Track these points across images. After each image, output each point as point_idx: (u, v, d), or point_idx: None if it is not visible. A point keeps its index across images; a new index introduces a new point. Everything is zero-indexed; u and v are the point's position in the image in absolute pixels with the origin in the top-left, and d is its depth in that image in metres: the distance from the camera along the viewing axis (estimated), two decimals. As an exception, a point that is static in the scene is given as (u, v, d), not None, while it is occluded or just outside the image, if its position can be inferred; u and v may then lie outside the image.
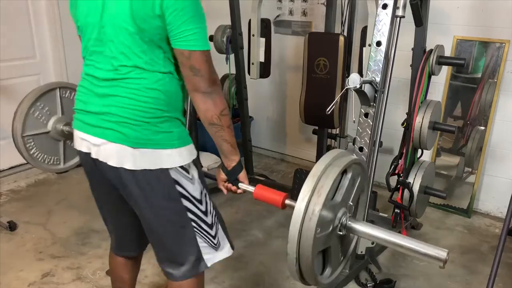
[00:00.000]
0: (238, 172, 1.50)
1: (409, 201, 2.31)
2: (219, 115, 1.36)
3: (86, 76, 1.43)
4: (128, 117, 1.32)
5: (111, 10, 1.30)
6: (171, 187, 1.38)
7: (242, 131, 3.31)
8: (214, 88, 1.33)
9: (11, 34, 3.30)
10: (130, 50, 1.31)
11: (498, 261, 1.74)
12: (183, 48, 1.29)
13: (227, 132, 1.40)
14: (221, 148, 1.45)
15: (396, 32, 1.74)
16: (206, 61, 1.31)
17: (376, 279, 2.33)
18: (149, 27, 1.28)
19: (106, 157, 1.36)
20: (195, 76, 1.31)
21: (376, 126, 1.78)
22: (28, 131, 2.10)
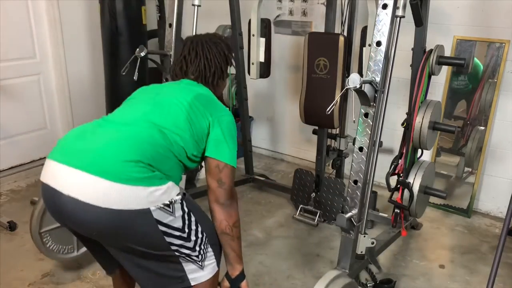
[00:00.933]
0: (240, 281, 1.61)
1: (409, 201, 2.31)
2: (232, 226, 1.51)
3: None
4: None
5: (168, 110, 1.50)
6: (153, 228, 1.35)
7: (242, 131, 3.31)
8: (231, 202, 1.51)
9: (11, 34, 3.30)
10: (173, 121, 1.48)
11: (498, 261, 1.74)
12: (219, 159, 1.48)
13: (236, 242, 1.54)
14: (227, 255, 1.57)
15: (396, 32, 1.74)
16: (232, 177, 1.50)
17: (376, 279, 2.33)
18: (199, 126, 1.50)
19: (78, 192, 1.31)
20: (219, 188, 1.47)
21: (376, 126, 1.78)
22: (45, 226, 2.20)
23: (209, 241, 1.52)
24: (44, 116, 3.64)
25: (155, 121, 1.44)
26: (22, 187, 3.38)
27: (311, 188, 2.94)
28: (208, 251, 1.52)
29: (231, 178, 1.49)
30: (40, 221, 2.17)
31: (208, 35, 1.73)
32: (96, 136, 1.39)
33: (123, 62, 2.56)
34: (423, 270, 2.47)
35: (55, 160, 1.35)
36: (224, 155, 1.49)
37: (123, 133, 1.39)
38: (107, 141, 1.36)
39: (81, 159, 1.31)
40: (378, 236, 2.53)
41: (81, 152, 1.34)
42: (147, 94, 1.62)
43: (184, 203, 1.43)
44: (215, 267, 1.56)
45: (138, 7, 3.17)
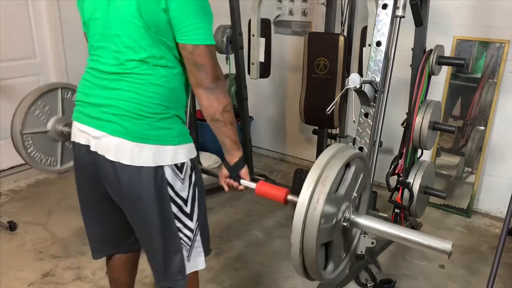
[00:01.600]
0: (240, 168, 1.48)
1: (409, 201, 2.31)
2: (222, 111, 1.34)
3: (89, 69, 1.43)
4: (130, 110, 1.31)
5: (117, 4, 1.31)
6: (163, 189, 1.37)
7: (242, 131, 3.31)
8: (217, 84, 1.33)
9: (11, 34, 3.30)
10: (137, 44, 1.30)
11: (498, 261, 1.74)
12: (186, 42, 1.29)
13: (229, 128, 1.39)
14: (223, 144, 1.44)
15: (396, 32, 1.74)
16: (210, 56, 1.30)
17: (376, 279, 2.33)
18: (155, 21, 1.28)
19: (104, 150, 1.35)
20: (199, 71, 1.30)
21: (376, 126, 1.78)
22: (28, 129, 2.07)
23: (200, 227, 1.49)
24: (44, 116, 3.64)
25: (132, 56, 1.32)
26: (22, 187, 3.38)
27: (311, 188, 2.93)
28: (197, 239, 1.48)
29: (209, 58, 1.30)
30: (23, 121, 2.03)
31: None
32: (104, 91, 1.36)
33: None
34: (423, 270, 2.47)
35: (79, 121, 1.41)
36: (189, 36, 1.28)
37: (125, 91, 1.33)
38: (118, 101, 1.33)
39: (100, 120, 1.35)
40: (378, 236, 2.53)
41: (98, 112, 1.36)
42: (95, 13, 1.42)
43: (193, 174, 1.42)
44: (202, 263, 1.52)
45: (138, 7, 3.17)
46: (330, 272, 1.25)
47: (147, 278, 2.32)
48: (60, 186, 3.38)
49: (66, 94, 2.18)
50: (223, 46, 3.09)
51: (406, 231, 1.15)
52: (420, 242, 1.12)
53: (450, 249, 1.07)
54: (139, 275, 1.89)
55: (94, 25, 1.39)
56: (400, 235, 1.15)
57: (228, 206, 3.09)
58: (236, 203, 3.13)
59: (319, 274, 1.19)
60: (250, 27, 2.99)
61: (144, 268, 2.28)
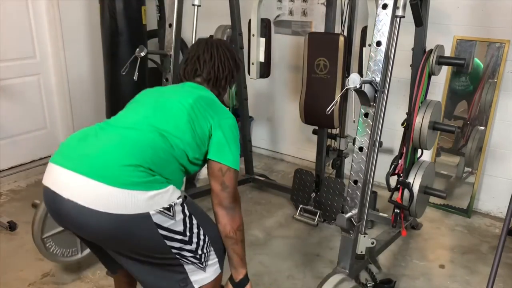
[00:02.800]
0: (244, 285, 1.60)
1: (409, 201, 2.31)
2: (236, 230, 1.51)
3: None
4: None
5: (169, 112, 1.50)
6: (153, 232, 1.34)
7: (242, 131, 3.31)
8: (235, 205, 1.51)
9: (11, 34, 3.30)
10: (175, 123, 1.47)
11: (498, 261, 1.74)
12: (222, 162, 1.47)
13: (239, 246, 1.54)
14: (231, 259, 1.57)
15: (396, 32, 1.74)
16: (235, 181, 1.50)
17: (376, 279, 2.33)
18: (200, 129, 1.49)
19: (79, 196, 1.31)
20: (223, 191, 1.47)
21: (376, 126, 1.78)
22: (47, 232, 2.19)
23: (212, 243, 1.51)
24: (44, 116, 3.64)
25: (156, 125, 1.43)
26: (22, 187, 3.38)
27: (311, 188, 2.94)
28: (211, 253, 1.51)
29: (234, 181, 1.49)
30: (42, 226, 2.16)
31: (219, 39, 1.77)
32: (97, 140, 1.39)
33: (123, 62, 2.56)
34: (423, 270, 2.47)
35: (57, 163, 1.36)
36: (226, 158, 1.48)
37: (124, 137, 1.39)
38: (107, 145, 1.36)
39: (82, 163, 1.32)
40: (378, 236, 2.53)
41: (81, 156, 1.34)
42: (149, 96, 1.61)
43: (185, 207, 1.42)
44: (218, 269, 1.55)
45: (138, 7, 3.17)
46: None
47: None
48: (60, 186, 3.37)
49: None
50: (223, 46, 3.08)
51: None
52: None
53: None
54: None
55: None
56: None
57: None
58: (236, 203, 3.13)
59: None
60: (250, 27, 2.99)
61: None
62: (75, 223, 1.34)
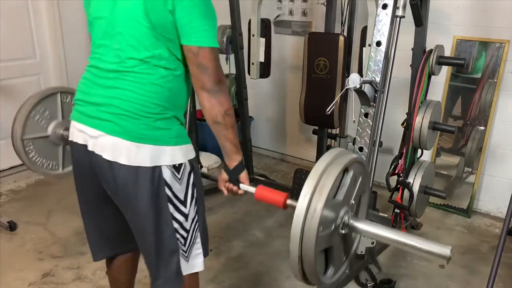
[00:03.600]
0: (239, 172, 1.48)
1: (409, 201, 2.31)
2: (223, 114, 1.35)
3: (90, 68, 1.43)
4: (128, 109, 1.31)
5: (123, 4, 1.32)
6: (160, 189, 1.36)
7: (242, 131, 3.31)
8: (220, 87, 1.33)
9: (11, 34, 3.30)
10: (139, 43, 1.31)
11: (498, 261, 1.74)
12: (191, 44, 1.30)
13: (230, 131, 1.39)
14: (223, 147, 1.44)
15: (396, 32, 1.74)
16: (214, 59, 1.31)
17: (376, 279, 2.32)
18: (161, 22, 1.29)
19: (101, 150, 1.34)
20: (202, 74, 1.31)
21: (376, 126, 1.78)
22: (28, 134, 2.08)
23: (200, 228, 1.48)
24: (44, 116, 3.64)
25: (132, 55, 1.32)
26: (22, 187, 3.38)
27: (311, 188, 2.93)
28: (197, 240, 1.48)
29: (213, 60, 1.31)
30: (23, 126, 2.05)
31: None
32: (103, 90, 1.36)
33: (123, 62, 2.55)
34: (423, 270, 2.47)
35: (77, 120, 1.41)
36: (194, 38, 1.29)
37: (123, 87, 1.33)
38: (116, 100, 1.33)
39: (97, 119, 1.34)
40: (378, 236, 2.53)
41: (95, 111, 1.35)
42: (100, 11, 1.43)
43: (192, 175, 1.41)
44: (201, 265, 1.51)
45: (138, 7, 3.17)
46: (330, 277, 1.25)
47: (146, 278, 2.32)
48: (60, 186, 3.38)
49: (65, 98, 2.17)
50: (223, 46, 3.08)
51: (405, 236, 1.15)
52: (419, 247, 1.12)
53: (449, 254, 1.07)
54: (139, 275, 1.89)
55: (99, 24, 1.40)
56: (400, 240, 1.14)
57: (228, 206, 3.09)
58: (236, 203, 3.13)
59: (318, 280, 1.19)
60: (250, 27, 2.99)
61: (144, 268, 2.28)
62: (98, 171, 1.38)
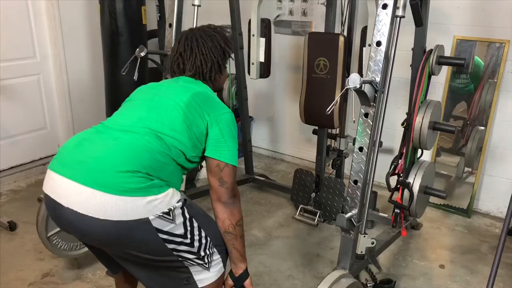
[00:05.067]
0: (244, 280, 1.60)
1: (409, 201, 2.31)
2: (235, 225, 1.50)
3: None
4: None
5: (165, 113, 1.48)
6: (153, 237, 1.34)
7: (242, 131, 3.31)
8: (234, 200, 1.50)
9: (11, 34, 3.30)
10: (170, 124, 1.45)
11: (498, 261, 1.74)
12: (219, 159, 1.47)
13: (239, 242, 1.53)
14: (231, 254, 1.56)
15: (396, 32, 1.74)
16: (233, 176, 1.49)
17: (376, 279, 2.33)
18: (196, 127, 1.48)
19: (78, 205, 1.31)
20: (221, 187, 1.46)
21: (376, 126, 1.78)
22: (51, 230, 2.22)
23: (214, 243, 1.51)
24: (44, 116, 3.64)
25: (151, 127, 1.42)
26: (22, 187, 3.38)
27: (311, 188, 2.94)
28: (214, 253, 1.51)
29: (233, 177, 1.48)
30: (46, 225, 2.18)
31: (202, 28, 1.67)
32: (93, 145, 1.38)
33: (123, 62, 2.56)
34: (423, 270, 2.47)
35: (55, 171, 1.36)
36: (224, 155, 1.47)
37: (119, 142, 1.38)
38: (103, 151, 1.35)
39: (78, 171, 1.32)
40: (378, 236, 2.53)
41: (78, 163, 1.34)
42: (144, 95, 1.59)
43: (185, 210, 1.42)
44: (222, 269, 1.56)
45: (138, 7, 3.17)
46: None
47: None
48: (60, 186, 3.37)
49: None
50: (223, 46, 3.08)
51: None
52: None
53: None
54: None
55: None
56: None
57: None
58: (236, 203, 3.13)
59: None
60: (250, 27, 2.99)
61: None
62: (76, 230, 1.36)
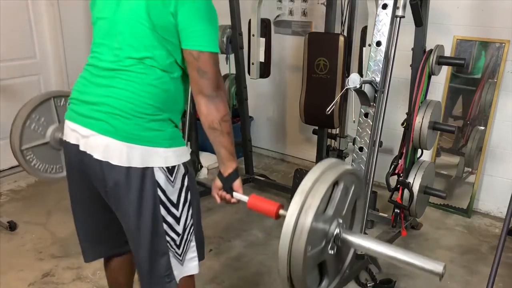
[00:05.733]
0: (233, 180, 1.47)
1: (409, 201, 2.31)
2: (220, 120, 1.34)
3: (87, 66, 1.43)
4: (121, 109, 1.30)
5: (126, 4, 1.33)
6: (152, 190, 1.34)
7: (242, 131, 3.31)
8: (218, 93, 1.33)
9: (11, 34, 3.30)
10: (139, 43, 1.31)
11: (498, 261, 1.74)
12: (192, 48, 1.30)
13: (226, 138, 1.38)
14: (218, 153, 1.43)
15: (396, 32, 1.74)
16: (214, 64, 1.31)
17: (376, 279, 2.32)
18: (163, 23, 1.29)
19: (92, 149, 1.33)
20: (201, 78, 1.30)
21: (376, 126, 1.78)
22: (26, 144, 2.08)
23: (195, 231, 1.47)
24: (44, 116, 3.64)
25: (131, 55, 1.32)
26: (22, 187, 3.38)
27: (311, 188, 2.93)
28: (191, 244, 1.47)
29: (213, 65, 1.31)
30: (20, 137, 2.05)
31: None
32: (98, 89, 1.35)
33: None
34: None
35: (70, 120, 1.40)
36: (196, 41, 1.29)
37: (118, 87, 1.32)
38: (113, 99, 1.32)
39: (93, 120, 1.33)
40: (378, 236, 2.53)
41: (91, 111, 1.34)
42: (105, 12, 1.43)
43: (186, 178, 1.40)
44: (195, 268, 1.50)
45: (138, 7, 3.18)
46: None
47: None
48: (60, 186, 3.36)
49: (59, 102, 2.16)
50: (223, 46, 3.08)
51: (399, 251, 1.12)
52: (413, 263, 1.11)
53: (442, 270, 1.06)
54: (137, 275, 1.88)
55: (101, 24, 1.40)
56: (393, 256, 1.12)
57: (228, 206, 3.07)
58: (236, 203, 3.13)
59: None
60: (250, 27, 2.99)
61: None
62: (90, 172, 1.37)
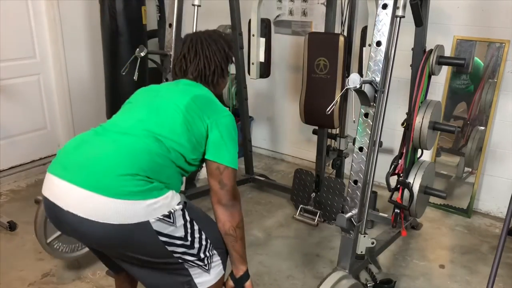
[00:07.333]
0: (245, 281, 1.61)
1: (409, 201, 2.31)
2: (235, 227, 1.51)
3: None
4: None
5: (164, 114, 1.49)
6: (154, 240, 1.35)
7: (242, 131, 3.31)
8: (234, 202, 1.51)
9: (11, 34, 3.30)
10: (170, 127, 1.45)
11: (498, 261, 1.74)
12: (219, 161, 1.47)
13: (239, 244, 1.54)
14: (231, 256, 1.58)
15: (396, 32, 1.74)
16: (233, 179, 1.50)
17: (376, 279, 2.33)
18: (196, 129, 1.48)
19: (74, 206, 1.32)
20: (221, 189, 1.47)
21: (376, 126, 1.78)
22: (50, 236, 2.22)
23: (214, 246, 1.51)
24: (44, 116, 3.64)
25: (151, 129, 1.42)
26: (22, 187, 3.38)
27: (311, 188, 2.94)
28: (214, 255, 1.51)
29: (233, 179, 1.49)
30: (44, 231, 2.17)
31: (207, 32, 1.69)
32: (93, 148, 1.38)
33: (123, 62, 2.56)
34: (423, 270, 2.47)
35: (54, 174, 1.36)
36: (223, 158, 1.47)
37: (119, 144, 1.37)
38: (103, 154, 1.35)
39: (78, 174, 1.32)
40: (378, 236, 2.53)
41: (77, 166, 1.34)
42: (144, 97, 1.59)
43: (186, 212, 1.42)
44: (222, 271, 1.56)
45: (138, 7, 3.17)
46: None
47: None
48: (60, 186, 3.37)
49: None
50: (223, 46, 3.08)
51: None
52: None
53: None
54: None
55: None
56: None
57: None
58: (236, 203, 3.13)
59: None
60: (250, 27, 2.99)
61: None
62: (76, 232, 1.36)
